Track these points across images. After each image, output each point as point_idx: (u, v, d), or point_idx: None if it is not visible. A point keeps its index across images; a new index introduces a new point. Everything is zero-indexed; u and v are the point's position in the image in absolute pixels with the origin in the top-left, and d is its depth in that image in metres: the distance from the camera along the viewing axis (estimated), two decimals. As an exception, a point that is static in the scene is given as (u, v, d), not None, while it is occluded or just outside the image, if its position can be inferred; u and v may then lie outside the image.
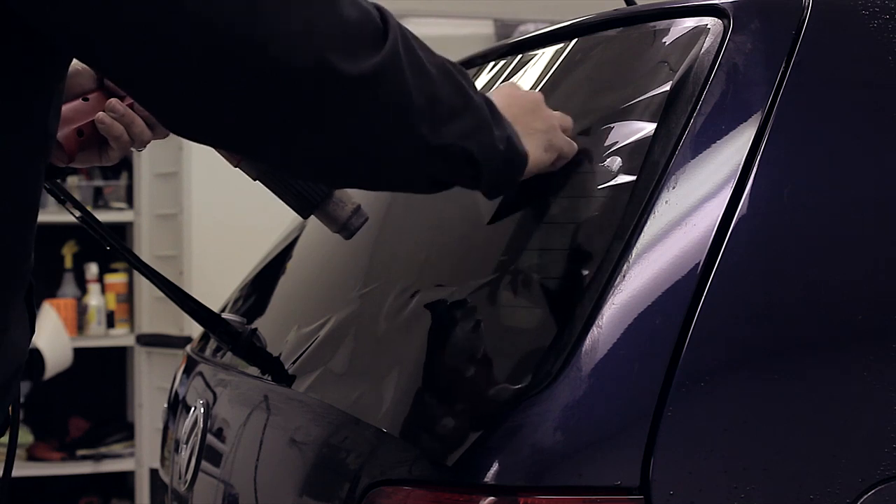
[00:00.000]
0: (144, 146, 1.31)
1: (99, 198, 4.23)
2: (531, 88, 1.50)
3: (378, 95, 1.06)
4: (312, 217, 1.40)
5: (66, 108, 1.26)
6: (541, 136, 1.23)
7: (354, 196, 1.38)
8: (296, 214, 1.40)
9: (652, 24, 1.39)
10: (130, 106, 1.29)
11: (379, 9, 1.08)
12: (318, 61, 1.01)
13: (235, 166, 1.36)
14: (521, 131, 1.21)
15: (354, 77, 1.03)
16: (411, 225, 1.55)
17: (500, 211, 1.38)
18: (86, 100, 1.30)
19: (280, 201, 1.39)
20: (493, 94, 1.22)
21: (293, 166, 1.16)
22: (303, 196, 1.36)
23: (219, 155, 1.31)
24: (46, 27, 1.02)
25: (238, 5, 1.00)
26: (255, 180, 1.37)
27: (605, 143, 1.28)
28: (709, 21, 1.30)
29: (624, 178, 1.22)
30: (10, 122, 1.05)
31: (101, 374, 4.39)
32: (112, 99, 1.28)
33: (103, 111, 1.27)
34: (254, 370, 1.53)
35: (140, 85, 1.05)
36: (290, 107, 1.03)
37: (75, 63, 1.21)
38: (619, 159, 1.24)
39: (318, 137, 1.07)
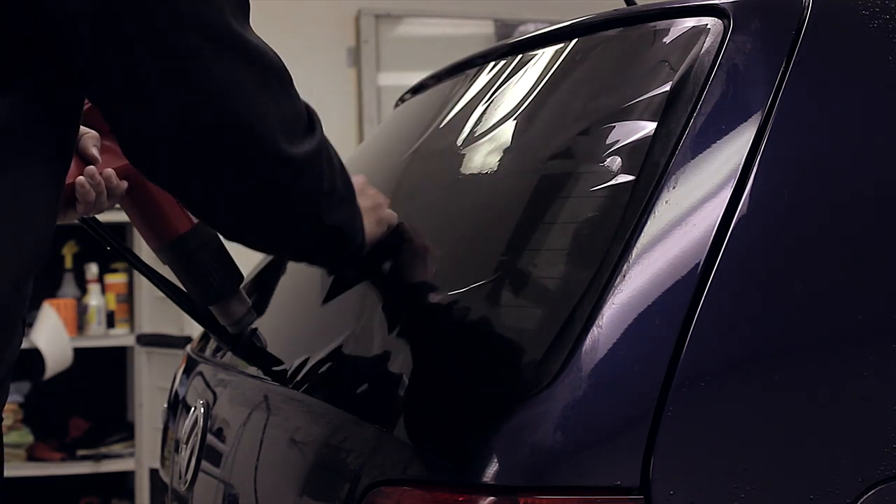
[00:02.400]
0: (96, 214, 1.41)
1: (99, 198, 4.22)
2: (531, 89, 1.50)
3: (300, 177, 1.22)
4: None
5: None
6: (371, 213, 1.40)
7: (248, 298, 1.48)
8: None
9: (652, 24, 1.39)
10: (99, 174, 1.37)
11: (306, 105, 1.25)
12: (270, 141, 1.17)
13: (154, 249, 1.44)
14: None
15: (289, 159, 1.19)
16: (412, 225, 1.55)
17: (501, 212, 1.38)
18: None
19: None
20: None
21: (207, 214, 1.28)
22: (210, 289, 1.45)
23: None
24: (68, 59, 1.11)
25: (227, 92, 1.14)
26: (164, 264, 1.45)
27: (605, 143, 1.28)
28: (709, 21, 1.30)
29: (624, 178, 1.22)
30: (59, 142, 1.15)
31: (101, 374, 4.38)
32: (90, 167, 1.35)
33: (82, 176, 1.34)
34: (254, 370, 1.53)
35: (125, 121, 1.17)
36: (234, 171, 1.18)
37: None
38: (619, 159, 1.24)
39: (246, 199, 1.22)
